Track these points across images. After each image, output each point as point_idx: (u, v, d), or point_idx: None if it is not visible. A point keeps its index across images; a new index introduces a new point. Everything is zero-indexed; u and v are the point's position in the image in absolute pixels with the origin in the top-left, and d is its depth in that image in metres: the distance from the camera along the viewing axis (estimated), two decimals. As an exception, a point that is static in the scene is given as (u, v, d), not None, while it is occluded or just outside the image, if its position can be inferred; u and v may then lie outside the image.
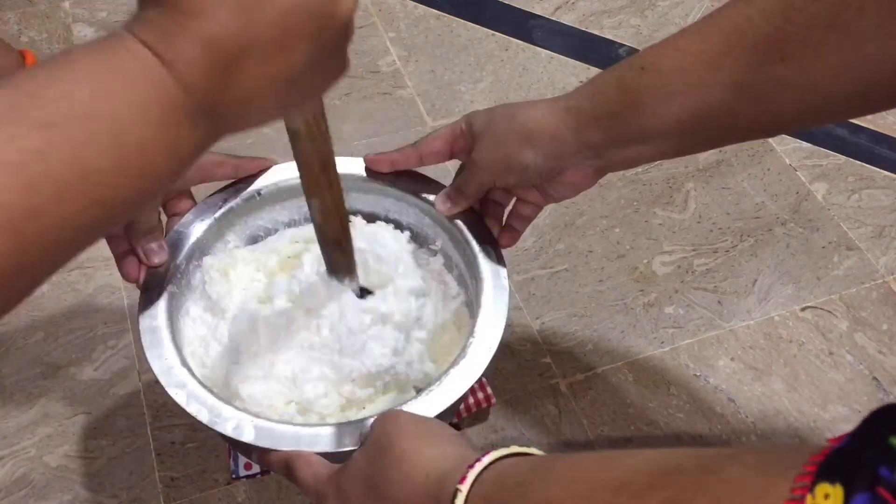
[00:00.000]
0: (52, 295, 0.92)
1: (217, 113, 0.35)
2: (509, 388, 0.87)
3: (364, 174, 0.70)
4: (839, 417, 0.87)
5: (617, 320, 0.93)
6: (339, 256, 0.63)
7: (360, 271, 0.65)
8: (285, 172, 0.70)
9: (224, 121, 0.36)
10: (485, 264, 0.65)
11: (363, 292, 0.66)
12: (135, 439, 0.82)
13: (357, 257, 0.65)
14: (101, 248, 0.64)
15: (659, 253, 1.00)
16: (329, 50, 0.39)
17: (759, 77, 0.53)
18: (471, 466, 0.44)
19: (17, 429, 0.83)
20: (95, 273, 0.94)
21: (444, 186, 0.69)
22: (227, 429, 0.56)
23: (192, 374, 0.59)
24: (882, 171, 1.09)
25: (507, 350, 0.90)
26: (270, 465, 0.57)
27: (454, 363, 0.60)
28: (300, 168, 0.56)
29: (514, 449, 0.46)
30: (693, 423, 0.86)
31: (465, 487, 0.43)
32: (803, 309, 0.95)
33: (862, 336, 0.93)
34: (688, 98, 0.55)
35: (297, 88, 0.38)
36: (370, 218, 0.73)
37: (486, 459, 0.44)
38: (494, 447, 0.45)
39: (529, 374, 0.89)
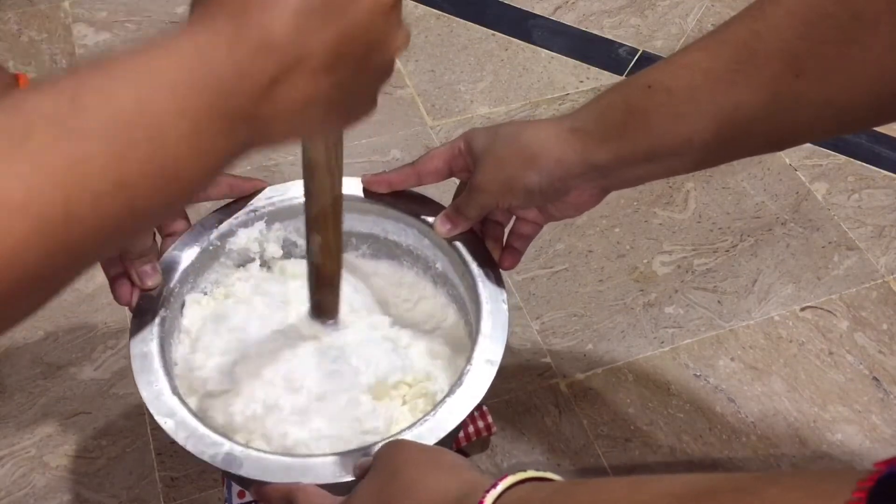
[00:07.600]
0: (52, 295, 0.92)
1: (256, 123, 0.35)
2: (509, 388, 0.87)
3: (362, 195, 0.68)
4: (839, 417, 0.87)
5: (617, 320, 0.93)
6: (330, 297, 0.62)
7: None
8: (279, 193, 0.68)
9: (260, 132, 0.35)
10: (484, 288, 0.63)
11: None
12: (135, 439, 0.82)
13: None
14: (101, 249, 0.64)
15: (659, 253, 0.99)
16: (369, 82, 0.40)
17: (772, 94, 0.52)
18: (487, 492, 0.42)
19: (17, 429, 0.83)
20: (95, 273, 0.93)
21: (443, 207, 0.67)
22: (217, 460, 0.53)
23: (183, 402, 0.57)
24: (882, 171, 1.09)
25: (507, 350, 0.88)
26: (269, 498, 0.54)
27: (451, 391, 0.58)
28: (310, 200, 0.55)
29: (531, 473, 0.44)
30: (693, 423, 0.86)
31: None
32: (803, 309, 0.95)
33: (862, 336, 0.93)
34: (699, 118, 0.54)
35: (332, 112, 0.38)
36: (367, 239, 0.71)
37: (502, 485, 0.42)
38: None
39: (529, 374, 0.89)
